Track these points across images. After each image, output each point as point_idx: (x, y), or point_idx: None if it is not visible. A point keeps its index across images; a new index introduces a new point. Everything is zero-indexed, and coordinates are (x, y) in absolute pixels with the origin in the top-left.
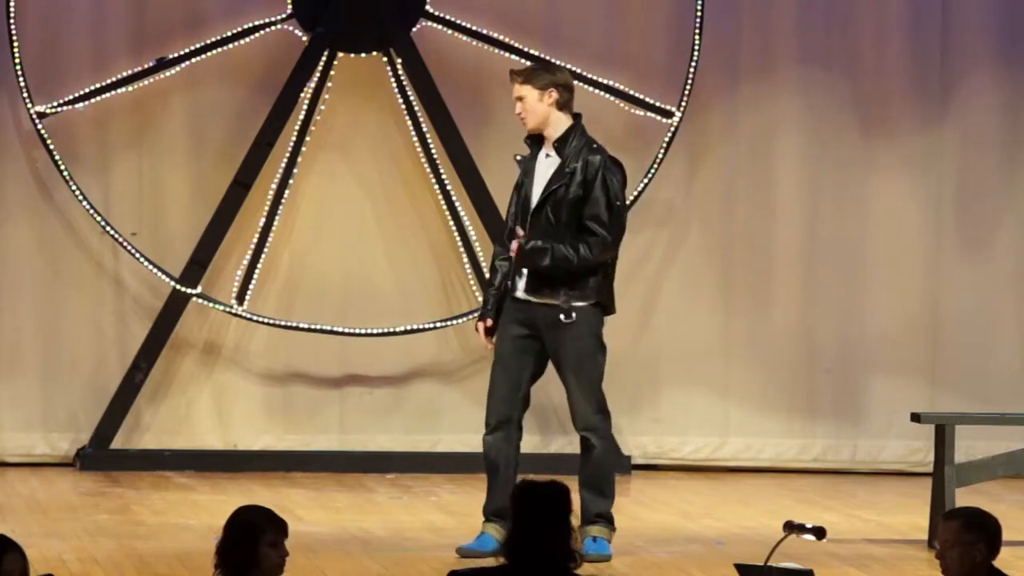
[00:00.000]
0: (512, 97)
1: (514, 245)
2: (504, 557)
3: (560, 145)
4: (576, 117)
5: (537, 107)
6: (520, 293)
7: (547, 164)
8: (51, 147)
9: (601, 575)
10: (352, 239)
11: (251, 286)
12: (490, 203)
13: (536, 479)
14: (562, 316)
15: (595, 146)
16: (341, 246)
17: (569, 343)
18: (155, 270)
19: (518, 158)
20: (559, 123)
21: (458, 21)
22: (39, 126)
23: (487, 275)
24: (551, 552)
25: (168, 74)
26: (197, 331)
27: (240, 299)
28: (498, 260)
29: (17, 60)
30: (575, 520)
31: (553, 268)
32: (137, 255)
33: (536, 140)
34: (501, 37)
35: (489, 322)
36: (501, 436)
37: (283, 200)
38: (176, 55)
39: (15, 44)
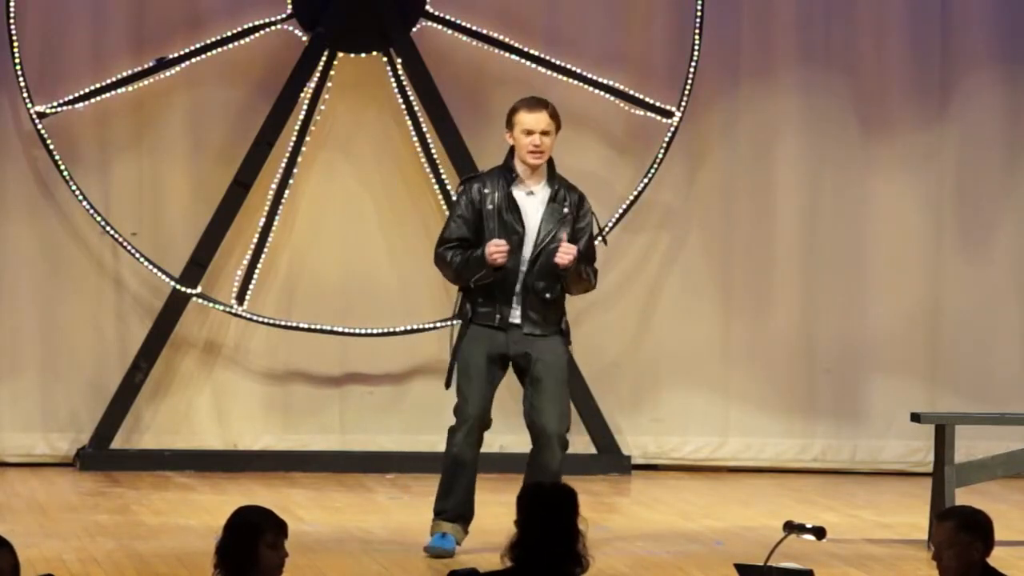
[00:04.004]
0: (531, 125)
1: (567, 251)
2: (509, 559)
3: (550, 184)
4: None
5: (552, 147)
6: (511, 319)
7: (533, 202)
8: (51, 147)
9: (602, 575)
10: (352, 239)
11: (251, 286)
12: None
13: (544, 482)
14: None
15: (568, 181)
16: (341, 246)
17: (558, 355)
18: (155, 270)
19: (488, 191)
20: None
21: (458, 21)
22: (39, 126)
23: (457, 258)
24: (557, 555)
25: (168, 74)
26: (197, 331)
27: (240, 299)
28: (453, 253)
29: (17, 60)
30: (583, 525)
31: (579, 275)
32: (137, 255)
33: (508, 171)
34: (501, 37)
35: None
36: (475, 439)
37: (283, 200)
38: (176, 55)
39: (15, 44)
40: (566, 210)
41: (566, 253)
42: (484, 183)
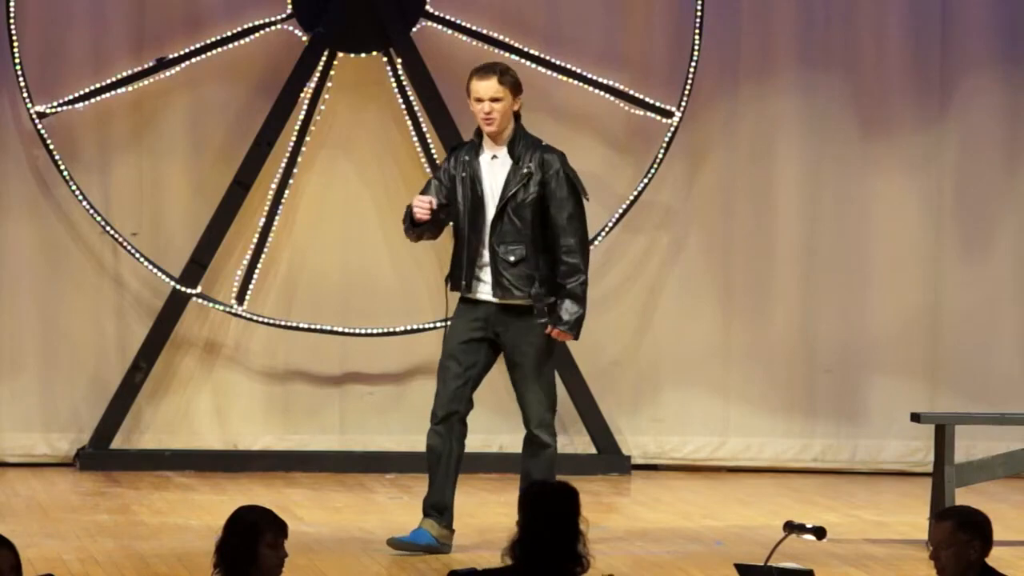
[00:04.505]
0: (480, 93)
1: (556, 332)
2: (511, 557)
3: (511, 147)
4: (516, 116)
5: (508, 112)
6: (484, 296)
7: (496, 166)
8: (51, 147)
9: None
10: (352, 239)
11: (251, 286)
12: None
13: (546, 480)
14: (536, 314)
15: (543, 144)
16: (341, 245)
17: (534, 340)
18: (155, 270)
19: (466, 158)
20: (511, 125)
21: (458, 21)
22: (39, 126)
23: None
24: (557, 554)
25: (168, 74)
26: (197, 330)
27: (240, 299)
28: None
29: (17, 60)
30: (584, 525)
31: (584, 305)
32: (137, 255)
33: (478, 138)
34: (501, 37)
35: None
36: (445, 429)
37: (283, 200)
38: (176, 55)
39: (15, 44)
40: (526, 170)
41: (559, 333)
42: (462, 151)
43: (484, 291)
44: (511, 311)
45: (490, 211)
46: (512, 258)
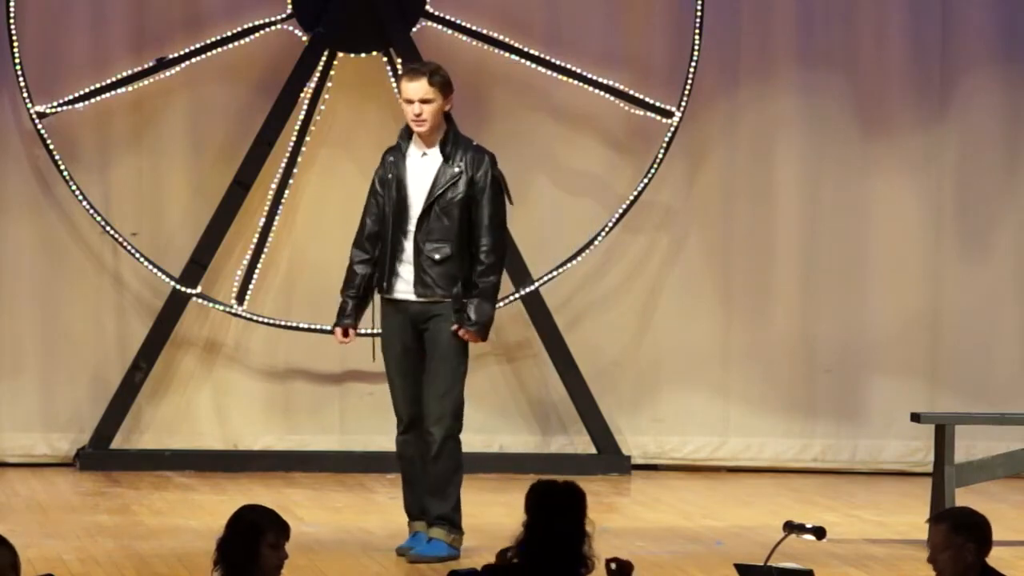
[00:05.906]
0: (410, 94)
1: (463, 332)
2: (515, 557)
3: (443, 145)
4: (448, 116)
5: (439, 113)
6: (402, 295)
7: (425, 163)
8: (51, 147)
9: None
10: (352, 238)
11: (251, 286)
12: None
13: (553, 480)
14: (452, 312)
15: (474, 143)
16: (341, 245)
17: (448, 338)
18: (155, 270)
19: (391, 159)
20: (442, 124)
21: (458, 21)
22: (39, 126)
23: (349, 277)
24: (563, 554)
25: (168, 74)
26: (197, 330)
27: (240, 299)
28: (356, 264)
29: (17, 60)
30: (590, 527)
31: (494, 306)
32: (137, 255)
33: (406, 137)
34: (501, 37)
35: (351, 331)
36: (413, 436)
37: (283, 199)
38: (176, 55)
39: (15, 44)
40: (457, 168)
41: (467, 333)
42: (392, 152)
43: (403, 289)
44: (431, 307)
45: (415, 209)
46: (437, 256)
